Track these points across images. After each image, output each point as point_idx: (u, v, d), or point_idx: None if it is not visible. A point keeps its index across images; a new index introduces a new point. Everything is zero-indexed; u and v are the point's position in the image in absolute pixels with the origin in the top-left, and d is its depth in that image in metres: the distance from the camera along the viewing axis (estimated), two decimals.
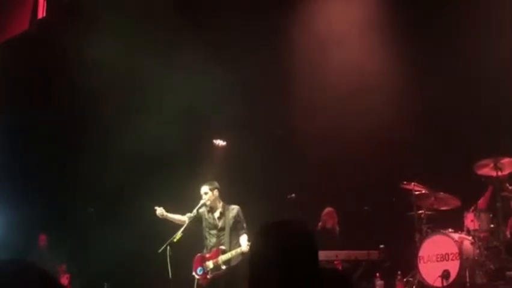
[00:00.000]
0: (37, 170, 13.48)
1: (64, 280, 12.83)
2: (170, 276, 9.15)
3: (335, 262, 10.34)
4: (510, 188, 10.13)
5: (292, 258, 2.54)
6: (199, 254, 9.63)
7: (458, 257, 9.55)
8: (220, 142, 14.30)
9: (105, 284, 12.93)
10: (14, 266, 1.89)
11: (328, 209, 11.55)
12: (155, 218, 9.76)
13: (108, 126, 12.76)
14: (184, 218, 9.56)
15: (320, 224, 11.53)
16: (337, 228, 11.43)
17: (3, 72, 12.39)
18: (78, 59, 12.20)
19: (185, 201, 10.12)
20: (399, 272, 10.30)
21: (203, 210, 9.66)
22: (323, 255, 9.52)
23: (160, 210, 9.74)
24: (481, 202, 10.16)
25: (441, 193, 10.33)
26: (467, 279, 9.45)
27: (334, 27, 12.40)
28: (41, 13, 11.01)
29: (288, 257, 2.54)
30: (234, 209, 9.72)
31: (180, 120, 12.69)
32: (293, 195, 11.75)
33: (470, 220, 9.93)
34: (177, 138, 12.76)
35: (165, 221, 9.78)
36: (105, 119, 12.79)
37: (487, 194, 10.17)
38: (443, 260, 9.71)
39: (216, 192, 9.69)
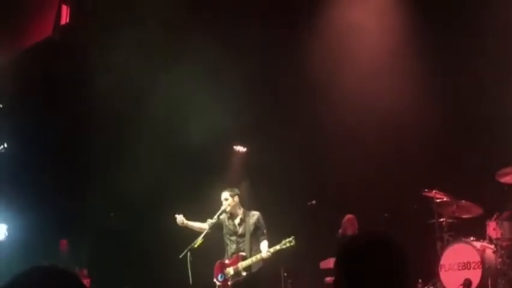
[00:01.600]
0: (58, 175, 13.55)
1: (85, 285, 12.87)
2: (190, 282, 9.18)
3: None
4: None
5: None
6: (219, 261, 9.63)
7: (480, 266, 9.46)
8: (240, 148, 14.33)
9: None
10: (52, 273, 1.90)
11: (348, 216, 11.50)
12: (176, 225, 9.77)
13: (129, 132, 12.80)
14: (205, 226, 9.57)
15: (340, 230, 11.48)
16: None
17: (26, 77, 12.48)
18: (100, 64, 12.25)
19: (206, 207, 10.13)
20: (420, 280, 10.24)
21: (223, 216, 9.67)
22: None
23: (180, 218, 9.75)
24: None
25: (463, 201, 10.24)
26: None
27: (352, 34, 12.35)
28: (65, 19, 11.10)
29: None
30: (255, 215, 9.70)
31: (200, 126, 12.71)
32: (314, 201, 11.72)
33: (492, 228, 9.84)
34: (197, 144, 12.77)
35: (185, 228, 9.79)
36: (126, 124, 12.84)
37: None
38: (464, 269, 9.63)
39: (236, 198, 9.69)
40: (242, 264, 9.35)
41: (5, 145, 12.48)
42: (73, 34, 11.77)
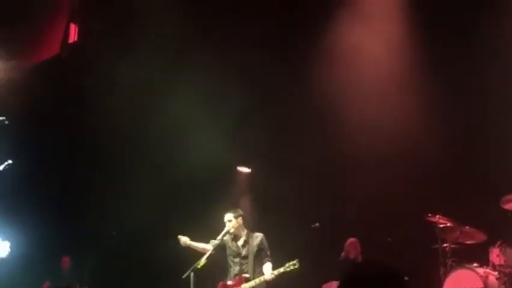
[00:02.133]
0: (61, 192, 13.57)
1: None
2: None
3: None
4: None
5: None
6: (222, 282, 9.62)
7: None
8: (244, 169, 14.35)
9: None
10: None
11: (351, 240, 11.50)
12: (179, 246, 9.76)
13: (133, 150, 12.83)
14: (209, 247, 9.55)
15: (342, 254, 11.48)
16: (360, 259, 11.37)
17: (31, 93, 12.51)
18: (106, 83, 12.30)
19: (210, 229, 10.12)
20: None
21: (227, 238, 9.66)
22: None
23: (183, 239, 9.76)
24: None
25: (467, 227, 10.25)
26: None
27: (359, 54, 12.38)
28: (73, 37, 11.17)
29: None
30: (258, 236, 9.70)
31: (204, 147, 12.74)
32: (317, 224, 11.72)
33: (495, 255, 9.83)
34: (201, 165, 12.79)
35: (189, 249, 9.78)
36: (130, 143, 12.86)
37: None
38: None
39: (240, 219, 9.69)
40: (245, 286, 9.33)
41: (10, 161, 12.47)
42: (80, 53, 11.84)
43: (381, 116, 12.05)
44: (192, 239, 9.81)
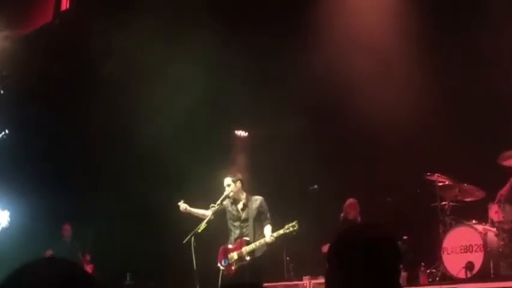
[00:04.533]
0: (61, 159, 13.57)
1: (88, 270, 12.92)
2: (195, 267, 9.21)
3: None
4: None
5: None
6: (223, 246, 9.65)
7: (482, 249, 9.49)
8: (241, 133, 14.34)
9: (128, 274, 13.03)
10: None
11: (350, 200, 11.55)
12: (179, 212, 9.79)
13: (131, 117, 12.80)
14: (208, 212, 9.57)
15: (342, 215, 11.53)
16: (359, 219, 11.42)
17: (26, 63, 12.45)
18: (100, 50, 12.23)
19: (209, 193, 10.14)
20: (422, 264, 10.27)
21: (226, 202, 9.68)
22: None
23: (183, 205, 9.78)
24: (505, 190, 10.07)
25: (466, 184, 10.27)
26: (491, 271, 9.40)
27: (362, 20, 12.34)
28: (65, 5, 11.07)
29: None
30: (258, 199, 9.71)
31: (202, 111, 12.72)
32: (315, 186, 11.76)
33: (494, 211, 9.86)
34: (199, 129, 12.78)
35: (188, 215, 9.81)
36: (130, 107, 12.81)
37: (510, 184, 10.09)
38: (467, 252, 9.66)
39: (238, 183, 9.69)
40: (246, 249, 9.37)
41: (7, 131, 12.47)
42: (73, 20, 11.75)
43: (380, 79, 12.01)
44: (192, 205, 9.83)
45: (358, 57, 12.12)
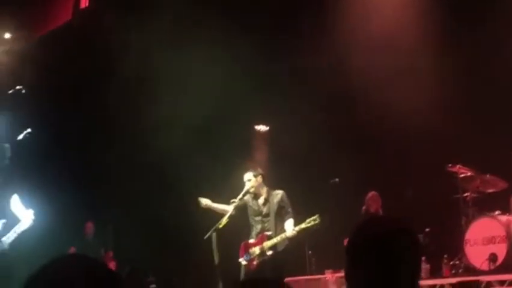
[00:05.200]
0: (83, 158, 13.65)
1: (111, 267, 12.99)
2: (216, 262, 9.23)
3: None
4: None
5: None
6: (245, 241, 9.65)
7: (505, 240, 9.44)
8: (262, 127, 14.33)
9: (150, 270, 13.10)
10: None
11: (372, 193, 11.52)
12: (200, 208, 9.79)
13: (151, 116, 12.84)
14: (229, 208, 9.54)
15: (363, 207, 11.51)
16: (381, 212, 11.39)
17: (45, 63, 12.53)
18: (120, 49, 12.28)
19: (230, 188, 10.15)
20: (445, 256, 10.23)
21: (247, 197, 9.66)
22: None
23: (203, 201, 9.74)
24: None
25: (488, 175, 10.21)
26: None
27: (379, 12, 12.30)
28: (84, 3, 11.12)
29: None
30: (279, 194, 9.69)
31: (223, 106, 12.74)
32: (336, 179, 11.74)
33: None
34: (220, 125, 12.80)
35: (209, 210, 9.80)
36: (147, 108, 12.87)
37: None
38: (490, 243, 9.61)
39: (259, 178, 9.67)
40: (267, 244, 9.35)
41: (29, 130, 12.56)
42: (93, 18, 11.80)
43: (400, 70, 11.96)
44: (212, 200, 9.83)
45: (377, 49, 12.08)
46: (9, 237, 12.10)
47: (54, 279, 1.84)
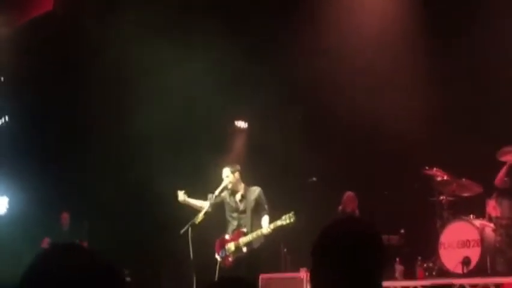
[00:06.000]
0: (59, 147, 13.57)
1: None
2: (191, 257, 9.21)
3: None
4: None
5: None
6: (220, 237, 9.65)
7: (479, 244, 9.52)
8: (241, 123, 14.34)
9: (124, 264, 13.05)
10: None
11: (348, 193, 11.56)
12: (176, 201, 9.77)
13: (129, 106, 12.79)
14: (205, 204, 9.53)
15: (340, 207, 11.54)
16: (357, 212, 11.42)
17: (25, 50, 12.42)
18: (101, 38, 12.20)
19: (207, 184, 10.14)
20: (419, 258, 10.30)
21: (225, 193, 9.65)
22: None
23: (182, 196, 9.73)
24: (498, 179, 10.05)
25: (464, 179, 10.28)
26: (488, 266, 9.43)
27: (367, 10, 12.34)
28: None
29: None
30: (256, 190, 9.68)
31: (201, 102, 12.71)
32: (314, 178, 11.77)
33: (492, 207, 9.90)
34: (198, 120, 12.78)
35: (185, 205, 9.79)
36: (130, 94, 12.80)
37: (503, 171, 10.05)
38: (464, 247, 9.69)
39: (237, 174, 9.65)
40: (243, 240, 9.35)
41: (6, 118, 12.48)
42: (74, 7, 11.71)
43: (378, 68, 12.00)
44: (189, 195, 9.81)
45: (360, 48, 12.12)
46: None
47: (54, 271, 1.80)
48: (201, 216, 9.26)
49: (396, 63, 11.90)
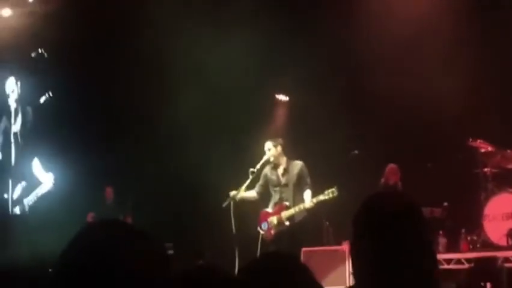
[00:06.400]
0: (103, 122, 13.69)
1: None
2: (234, 230, 9.28)
3: None
4: None
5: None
6: (264, 210, 9.69)
7: None
8: (282, 97, 14.30)
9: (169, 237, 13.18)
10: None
11: (391, 166, 11.46)
12: (218, 175, 9.82)
13: (173, 83, 12.83)
14: (253, 193, 9.71)
15: (382, 180, 11.47)
16: (400, 185, 11.34)
17: (69, 25, 12.50)
18: (146, 13, 12.25)
19: (249, 158, 10.16)
20: (463, 230, 10.22)
21: (267, 168, 9.68)
22: None
23: (235, 197, 9.61)
24: None
25: (509, 151, 10.16)
26: None
27: None
28: None
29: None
30: (298, 164, 9.70)
31: (242, 76, 12.70)
32: (356, 151, 11.69)
33: None
34: (240, 95, 12.77)
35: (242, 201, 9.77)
36: (170, 72, 12.85)
37: None
38: (509, 219, 9.60)
39: (279, 148, 9.67)
40: (285, 214, 9.38)
41: (50, 94, 12.62)
42: None
43: (420, 41, 11.86)
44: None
45: (403, 19, 11.96)
46: (30, 200, 12.29)
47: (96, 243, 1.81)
48: (243, 189, 9.34)
49: (438, 35, 11.73)
